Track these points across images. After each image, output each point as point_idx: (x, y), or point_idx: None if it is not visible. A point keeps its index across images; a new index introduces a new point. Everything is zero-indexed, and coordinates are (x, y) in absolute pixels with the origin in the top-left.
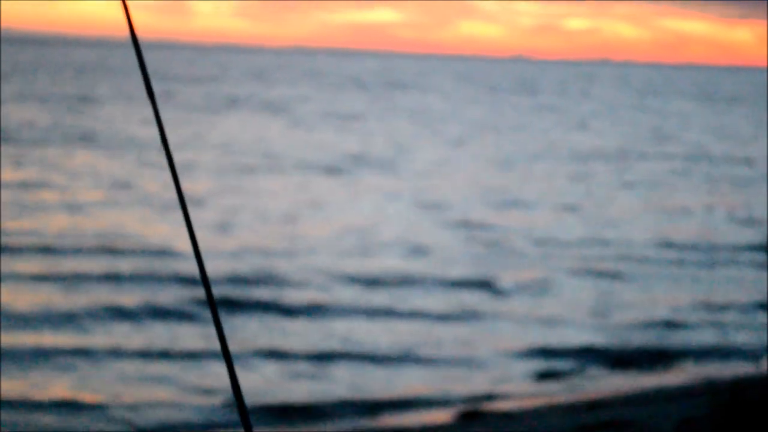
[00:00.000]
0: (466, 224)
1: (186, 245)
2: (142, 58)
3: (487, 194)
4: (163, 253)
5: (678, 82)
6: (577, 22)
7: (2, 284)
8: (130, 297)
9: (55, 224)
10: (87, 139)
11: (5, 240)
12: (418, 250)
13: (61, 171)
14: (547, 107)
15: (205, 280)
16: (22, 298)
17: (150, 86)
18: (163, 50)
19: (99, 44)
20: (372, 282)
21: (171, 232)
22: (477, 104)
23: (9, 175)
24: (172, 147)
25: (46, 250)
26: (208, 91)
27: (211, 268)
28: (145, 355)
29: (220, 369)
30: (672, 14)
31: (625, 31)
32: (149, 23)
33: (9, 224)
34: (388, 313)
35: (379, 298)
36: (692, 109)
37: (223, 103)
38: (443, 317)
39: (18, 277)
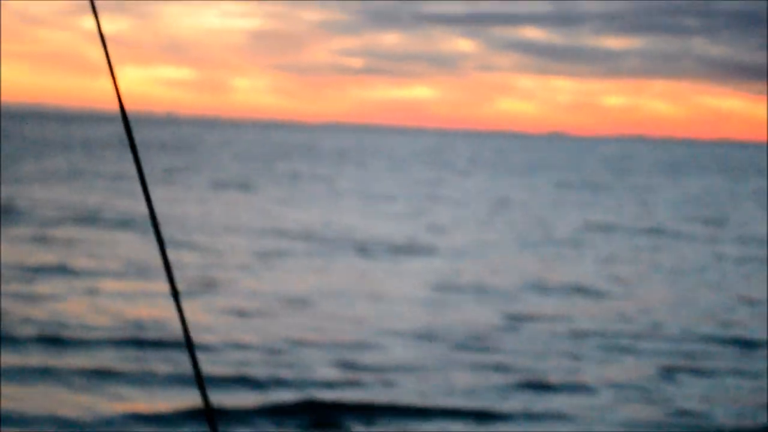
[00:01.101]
0: (530, 317)
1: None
2: (129, 127)
3: (540, 280)
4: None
5: (714, 158)
6: (614, 99)
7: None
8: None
9: (71, 310)
10: (113, 220)
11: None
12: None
13: (85, 252)
14: (587, 185)
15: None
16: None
17: (136, 154)
18: (200, 126)
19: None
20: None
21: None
22: (510, 181)
23: (28, 257)
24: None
25: (57, 341)
26: (238, 167)
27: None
28: None
29: None
30: (707, 92)
31: (661, 108)
32: (187, 99)
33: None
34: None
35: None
36: (727, 186)
37: (248, 179)
38: None
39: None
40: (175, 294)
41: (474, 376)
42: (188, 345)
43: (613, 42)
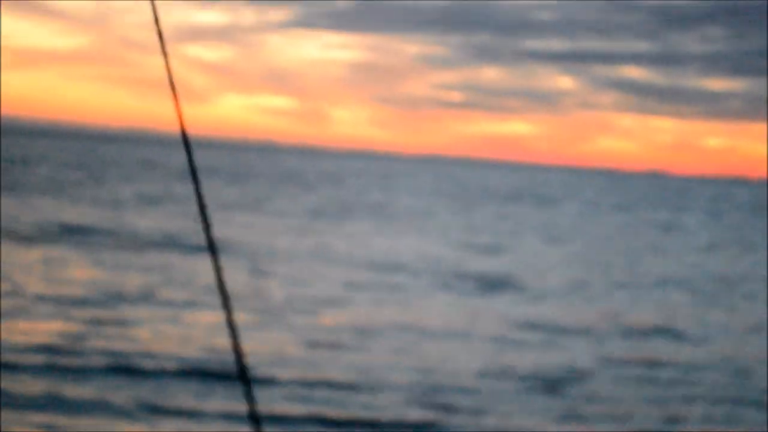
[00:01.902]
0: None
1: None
2: (190, 151)
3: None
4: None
5: None
6: (714, 140)
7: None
8: None
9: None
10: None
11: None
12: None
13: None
14: (682, 226)
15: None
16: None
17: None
18: (299, 155)
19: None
20: None
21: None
22: (607, 218)
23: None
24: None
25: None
26: (331, 195)
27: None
28: None
29: None
30: None
31: (761, 150)
32: (287, 128)
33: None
34: None
35: None
36: None
37: (340, 208)
38: None
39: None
40: (230, 323)
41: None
42: (243, 378)
43: (715, 83)
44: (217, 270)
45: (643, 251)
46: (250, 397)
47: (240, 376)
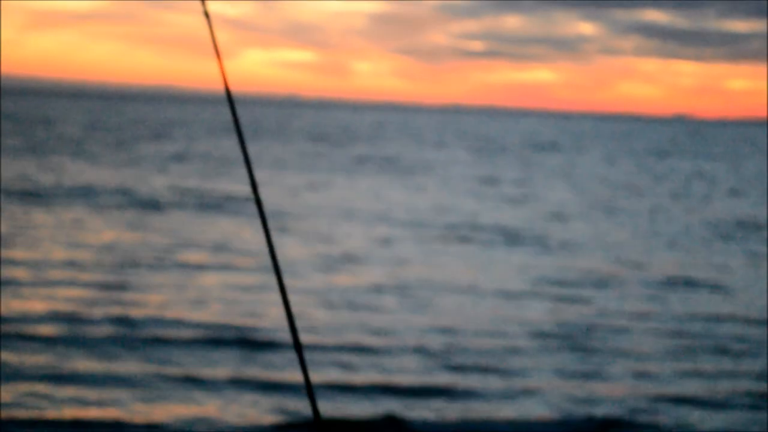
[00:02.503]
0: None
1: None
2: (235, 114)
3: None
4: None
5: None
6: (738, 82)
7: None
8: None
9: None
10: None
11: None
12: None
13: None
14: (706, 175)
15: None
16: None
17: (242, 139)
18: (321, 109)
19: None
20: None
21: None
22: (634, 166)
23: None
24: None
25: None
26: (361, 152)
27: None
28: None
29: None
30: None
31: None
32: (309, 82)
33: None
34: None
35: None
36: None
37: (377, 164)
38: None
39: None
40: (285, 299)
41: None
42: (297, 349)
43: (738, 25)
44: (270, 244)
45: (667, 198)
46: (303, 367)
47: (294, 346)
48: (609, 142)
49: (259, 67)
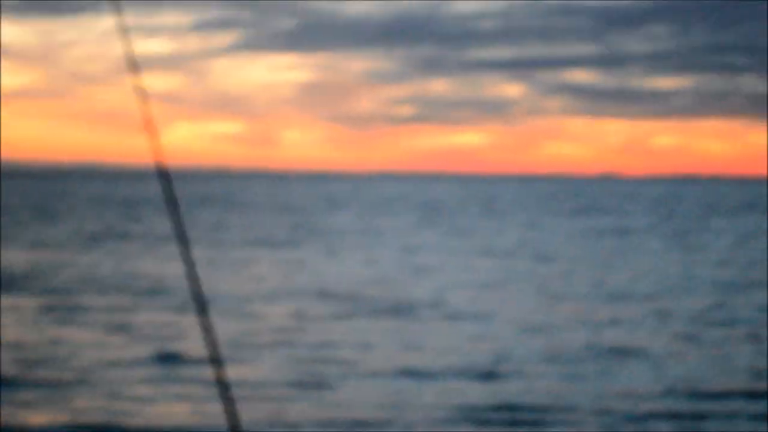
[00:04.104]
0: None
1: None
2: (170, 182)
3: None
4: None
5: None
6: (664, 139)
7: None
8: None
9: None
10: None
11: None
12: None
13: None
14: (626, 231)
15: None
16: None
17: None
18: (252, 179)
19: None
20: None
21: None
22: (555, 228)
23: None
24: None
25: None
26: (284, 221)
27: None
28: None
29: None
30: (760, 130)
31: (713, 147)
32: (239, 152)
33: None
34: None
35: None
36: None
37: (291, 234)
38: None
39: None
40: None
41: None
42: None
43: (662, 82)
44: (207, 328)
45: (584, 261)
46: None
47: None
48: (535, 204)
49: (189, 140)
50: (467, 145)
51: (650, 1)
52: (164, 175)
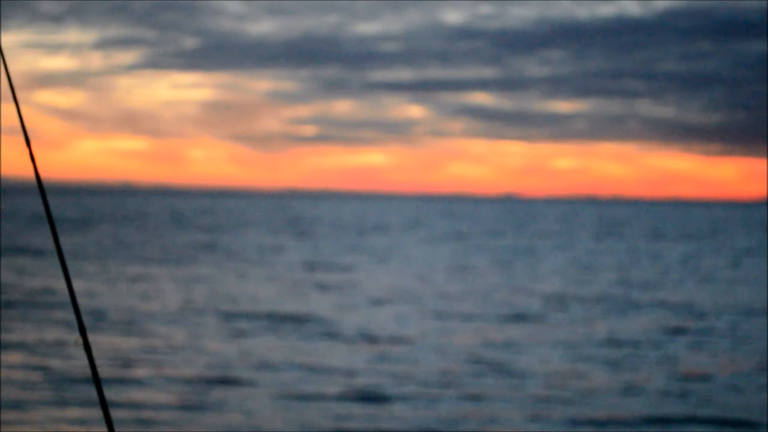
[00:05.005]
0: None
1: None
2: (46, 198)
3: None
4: None
5: (659, 217)
6: (564, 161)
7: None
8: None
9: None
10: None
11: None
12: None
13: None
14: (525, 250)
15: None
16: None
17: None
18: (155, 195)
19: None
20: None
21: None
22: (446, 247)
23: None
24: None
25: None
26: (183, 238)
27: None
28: None
29: None
30: (656, 153)
31: (611, 170)
32: (143, 169)
33: None
34: None
35: None
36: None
37: (190, 252)
38: None
39: None
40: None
41: None
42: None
43: (561, 105)
44: (86, 347)
45: (469, 279)
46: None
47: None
48: (437, 222)
49: (92, 156)
50: (370, 165)
51: (545, 26)
52: (42, 190)
